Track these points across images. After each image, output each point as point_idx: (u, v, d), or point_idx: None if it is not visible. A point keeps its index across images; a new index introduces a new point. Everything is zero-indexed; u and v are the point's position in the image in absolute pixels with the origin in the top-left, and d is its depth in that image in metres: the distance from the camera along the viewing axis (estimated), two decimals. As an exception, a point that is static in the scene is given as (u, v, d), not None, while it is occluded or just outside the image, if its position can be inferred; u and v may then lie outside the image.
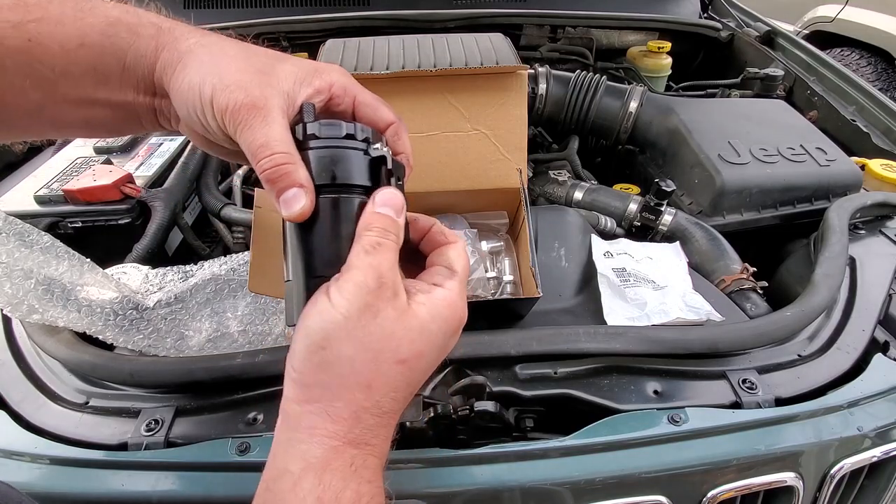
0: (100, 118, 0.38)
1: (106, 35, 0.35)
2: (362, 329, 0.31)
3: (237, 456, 0.49)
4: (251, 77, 0.34)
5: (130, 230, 0.80)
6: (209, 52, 0.35)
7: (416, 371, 0.33)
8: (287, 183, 0.33)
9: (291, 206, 0.33)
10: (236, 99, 0.33)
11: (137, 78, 0.36)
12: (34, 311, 0.56)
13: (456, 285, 0.35)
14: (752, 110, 1.01)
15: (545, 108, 1.01)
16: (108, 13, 0.36)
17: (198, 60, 0.35)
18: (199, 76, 0.34)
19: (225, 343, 0.65)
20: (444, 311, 0.34)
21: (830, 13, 2.77)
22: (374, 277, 0.31)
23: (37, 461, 0.50)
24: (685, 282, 0.71)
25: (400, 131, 0.40)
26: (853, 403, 0.56)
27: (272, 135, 0.33)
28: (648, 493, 0.50)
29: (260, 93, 0.34)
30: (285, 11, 1.30)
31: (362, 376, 0.31)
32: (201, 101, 0.34)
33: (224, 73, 0.34)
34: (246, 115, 0.33)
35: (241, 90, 0.33)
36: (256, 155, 0.33)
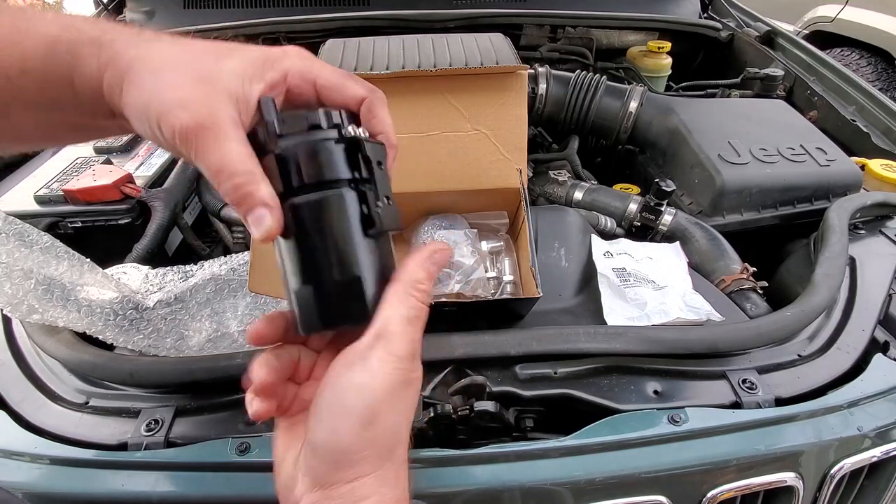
0: (62, 134, 0.36)
1: (47, 59, 0.32)
2: (402, 401, 0.32)
3: (237, 456, 0.49)
4: (192, 90, 0.31)
5: (130, 230, 0.80)
6: (149, 68, 0.32)
7: None
8: (250, 203, 0.31)
9: (259, 227, 0.31)
10: (181, 121, 0.30)
11: (90, 102, 0.33)
12: (34, 311, 0.56)
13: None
14: (752, 110, 1.01)
15: (545, 108, 1.01)
16: (47, 32, 0.32)
17: (139, 79, 0.32)
18: (143, 98, 0.31)
19: (225, 343, 0.65)
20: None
21: (830, 13, 2.77)
22: (413, 354, 0.32)
23: (37, 461, 0.50)
24: (685, 282, 0.71)
25: (374, 107, 0.36)
26: (853, 403, 0.56)
27: (226, 155, 0.31)
28: (648, 493, 0.50)
29: (206, 108, 0.31)
30: (285, 11, 1.30)
31: (402, 436, 0.32)
32: (150, 127, 0.31)
33: (163, 92, 0.31)
34: (195, 138, 0.30)
35: (184, 110, 0.30)
36: (215, 180, 0.31)
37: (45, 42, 0.32)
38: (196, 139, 0.30)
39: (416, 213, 0.74)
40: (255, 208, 0.31)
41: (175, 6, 1.35)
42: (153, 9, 1.36)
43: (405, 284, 0.32)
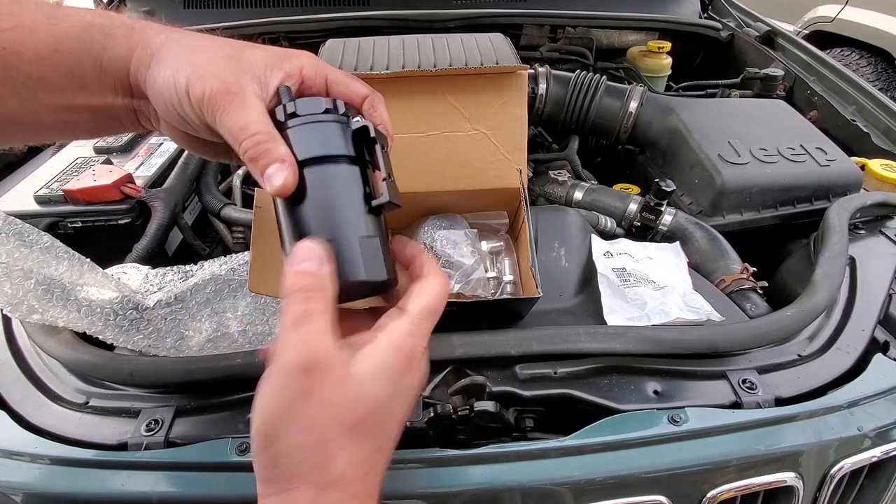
0: (79, 122, 0.38)
1: (80, 39, 0.35)
2: (301, 414, 0.30)
3: (237, 456, 0.49)
4: (223, 64, 0.35)
5: (130, 230, 0.80)
6: (180, 46, 0.36)
7: (371, 429, 0.32)
8: (268, 159, 0.33)
9: (273, 181, 0.33)
10: (211, 86, 0.34)
11: (114, 80, 0.36)
12: (34, 311, 0.56)
13: (403, 325, 0.34)
14: (752, 110, 1.01)
15: (545, 108, 1.01)
16: (82, 17, 0.36)
17: (170, 54, 0.35)
18: (172, 70, 0.34)
19: (225, 343, 0.65)
20: (385, 359, 0.32)
21: (830, 13, 2.77)
22: (298, 359, 0.30)
23: (37, 461, 0.50)
24: (685, 282, 0.71)
25: (375, 103, 0.40)
26: (853, 403, 0.56)
27: (250, 116, 0.34)
28: (648, 493, 0.50)
29: (234, 79, 0.34)
30: (285, 11, 1.31)
31: (314, 459, 0.30)
32: (177, 94, 0.34)
33: (197, 64, 0.34)
34: (223, 101, 0.34)
35: (215, 77, 0.34)
36: (237, 137, 0.34)
37: (80, 25, 0.35)
38: (223, 101, 0.34)
39: (416, 213, 0.74)
40: (273, 163, 0.33)
41: (175, 6, 1.35)
42: (153, 8, 1.36)
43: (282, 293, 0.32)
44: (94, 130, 0.40)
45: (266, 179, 0.34)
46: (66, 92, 0.36)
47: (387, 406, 0.32)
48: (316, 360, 0.30)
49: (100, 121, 0.38)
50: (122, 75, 0.36)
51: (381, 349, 0.33)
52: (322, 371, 0.30)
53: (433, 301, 0.36)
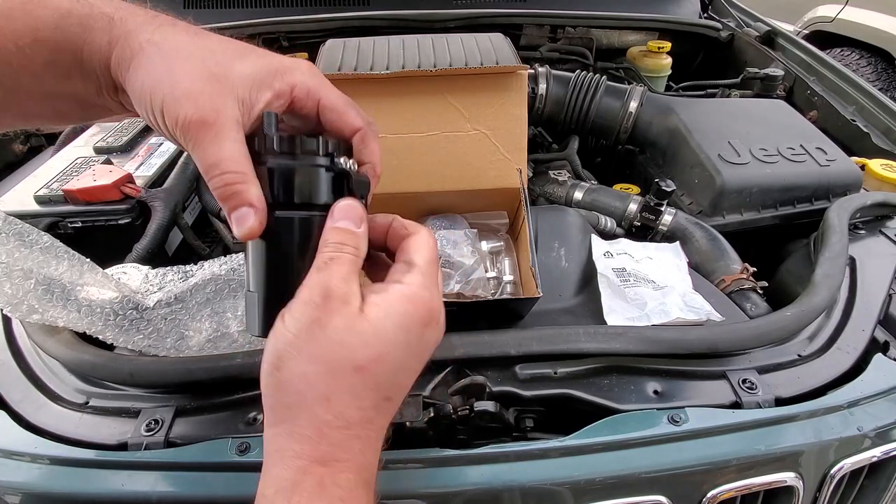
0: (68, 110, 0.37)
1: (59, 29, 0.33)
2: (312, 343, 0.30)
3: (237, 456, 0.49)
4: (203, 86, 0.32)
5: (130, 230, 0.79)
6: (161, 53, 0.33)
7: (381, 375, 0.32)
8: (237, 202, 0.32)
9: (241, 225, 0.33)
10: (186, 113, 0.31)
11: (96, 74, 0.34)
12: (34, 311, 0.56)
13: (416, 277, 0.34)
14: (752, 110, 1.01)
15: (545, 108, 1.01)
16: (59, 4, 0.33)
17: (149, 62, 0.33)
18: (150, 81, 0.32)
19: (225, 343, 0.65)
20: (401, 307, 0.32)
21: (830, 13, 2.77)
22: (320, 292, 0.31)
23: (37, 461, 0.50)
24: (685, 282, 0.71)
25: (367, 138, 0.38)
26: (853, 403, 0.56)
27: (223, 153, 0.32)
28: (648, 493, 0.50)
29: (211, 105, 0.32)
30: (285, 11, 1.30)
31: (318, 390, 0.30)
32: (153, 111, 0.33)
33: (175, 81, 0.32)
34: (196, 133, 0.32)
35: (191, 103, 0.32)
36: (207, 173, 0.32)
37: (58, 14, 0.33)
38: (197, 133, 0.32)
39: (416, 213, 0.74)
40: (241, 207, 0.32)
41: (175, 6, 1.35)
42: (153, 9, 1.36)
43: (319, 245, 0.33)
44: (84, 118, 0.39)
45: (234, 221, 0.33)
46: (49, 82, 0.34)
47: (399, 354, 0.32)
48: (332, 293, 0.31)
49: (88, 109, 0.37)
50: (103, 70, 0.34)
51: (394, 298, 0.33)
52: (337, 305, 0.31)
53: (432, 251, 0.36)
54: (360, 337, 0.31)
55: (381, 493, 0.34)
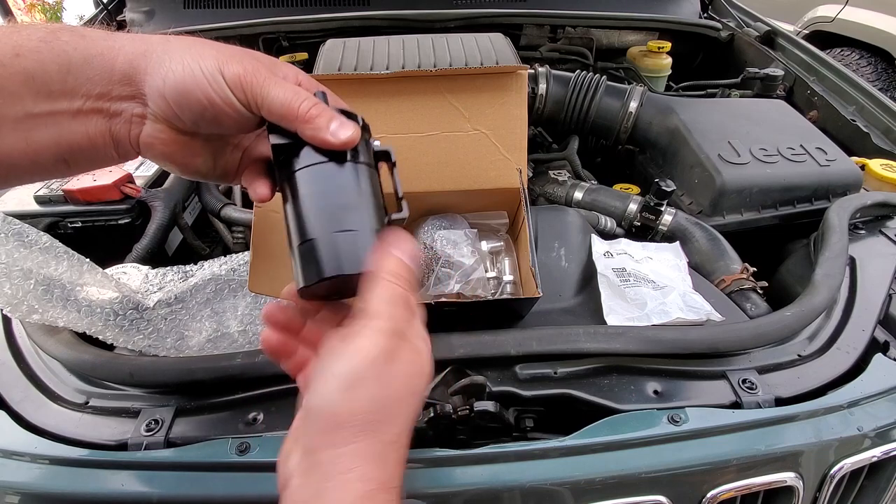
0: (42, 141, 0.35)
1: (44, 41, 0.33)
2: (387, 372, 0.32)
3: (237, 456, 0.49)
4: (243, 52, 0.36)
5: (130, 230, 0.80)
6: (184, 43, 0.35)
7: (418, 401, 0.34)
8: (330, 115, 0.35)
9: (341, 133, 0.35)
10: (249, 64, 0.35)
11: (87, 80, 0.34)
12: (34, 311, 0.56)
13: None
14: (752, 110, 1.01)
15: (545, 108, 1.01)
16: (48, 25, 0.34)
17: (180, 49, 0.35)
18: (191, 59, 0.34)
19: (225, 343, 0.65)
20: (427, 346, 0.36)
21: (830, 13, 2.77)
22: (398, 331, 0.33)
23: (37, 461, 0.50)
24: (685, 282, 0.71)
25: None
26: (853, 403, 0.56)
27: (298, 88, 0.36)
28: (648, 493, 0.50)
29: (268, 62, 0.36)
30: (285, 11, 1.30)
31: (387, 412, 0.32)
32: (206, 78, 0.34)
33: (219, 50, 0.35)
34: (266, 76, 0.35)
35: (250, 57, 0.35)
36: (292, 102, 0.35)
37: (47, 30, 0.34)
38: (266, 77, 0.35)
39: (416, 213, 0.74)
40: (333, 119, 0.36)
41: (175, 6, 1.35)
42: (153, 8, 1.36)
43: (386, 274, 0.34)
44: (58, 154, 0.36)
45: (332, 134, 0.35)
46: (26, 99, 0.33)
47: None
48: (405, 332, 0.34)
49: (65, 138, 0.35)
50: (98, 73, 0.34)
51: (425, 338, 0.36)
52: (407, 343, 0.34)
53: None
54: (422, 370, 0.35)
55: None
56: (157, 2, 1.36)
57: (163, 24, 1.33)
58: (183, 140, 0.38)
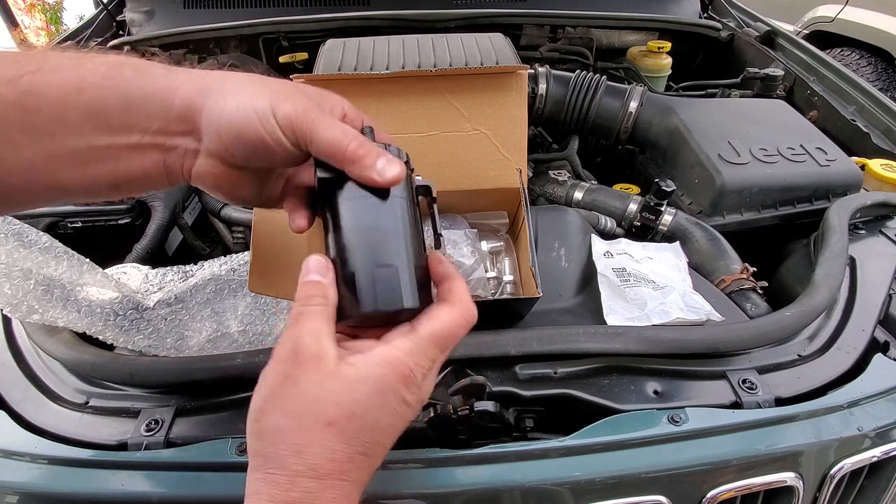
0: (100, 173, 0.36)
1: (107, 77, 0.34)
2: (284, 398, 0.32)
3: (237, 456, 0.49)
4: (295, 90, 0.37)
5: (130, 230, 0.80)
6: (239, 81, 0.36)
7: (353, 431, 0.33)
8: (377, 154, 0.36)
9: (387, 173, 0.36)
10: (302, 103, 0.35)
11: (146, 116, 0.35)
12: (34, 311, 0.56)
13: (405, 342, 0.35)
14: (752, 110, 1.01)
15: (545, 108, 1.01)
16: (110, 59, 0.35)
17: (235, 87, 0.36)
18: (246, 99, 0.35)
19: (225, 343, 0.65)
20: (378, 370, 0.33)
21: (830, 13, 2.77)
22: (290, 348, 0.33)
23: (37, 461, 0.50)
24: (685, 282, 0.71)
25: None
26: (853, 403, 0.56)
27: (345, 127, 0.36)
28: (648, 493, 0.50)
29: (318, 97, 0.37)
30: (285, 11, 1.30)
31: (290, 442, 0.32)
32: (259, 117, 0.35)
33: (273, 90, 0.36)
34: (316, 116, 0.36)
35: (302, 96, 0.36)
36: (341, 142, 0.36)
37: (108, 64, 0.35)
38: (317, 117, 0.36)
39: (416, 213, 0.74)
40: (380, 157, 0.36)
41: (175, 6, 1.35)
42: (153, 8, 1.36)
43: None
44: (114, 183, 0.38)
45: (379, 173, 0.36)
46: (87, 133, 0.34)
47: (371, 414, 0.33)
48: (303, 351, 0.33)
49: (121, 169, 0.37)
50: (160, 110, 0.35)
51: (373, 359, 0.34)
52: (308, 363, 0.33)
53: (448, 328, 0.36)
54: (332, 395, 0.32)
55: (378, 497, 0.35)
56: (157, 2, 1.36)
57: (163, 24, 1.33)
58: (233, 173, 0.38)
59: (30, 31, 4.16)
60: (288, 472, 0.31)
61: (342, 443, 0.32)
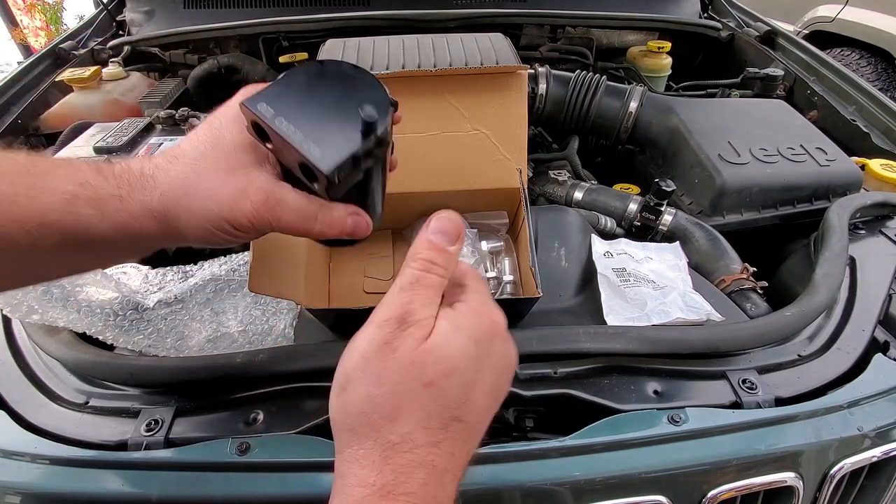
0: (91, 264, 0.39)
1: (68, 212, 0.34)
2: (381, 365, 0.29)
3: (237, 456, 0.49)
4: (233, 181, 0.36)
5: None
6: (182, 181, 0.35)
7: (450, 389, 0.30)
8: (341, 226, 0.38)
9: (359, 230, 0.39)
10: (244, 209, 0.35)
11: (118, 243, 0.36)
12: (34, 311, 0.56)
13: (474, 295, 0.34)
14: (752, 110, 1.01)
15: (545, 107, 1.01)
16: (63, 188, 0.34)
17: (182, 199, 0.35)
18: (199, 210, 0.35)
19: (225, 343, 0.65)
20: (468, 320, 0.32)
21: (830, 13, 2.77)
22: (398, 316, 0.30)
23: (37, 461, 0.50)
24: (685, 282, 0.71)
25: None
26: (853, 403, 0.56)
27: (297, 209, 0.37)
28: (648, 493, 0.50)
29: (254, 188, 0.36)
30: (285, 11, 1.31)
31: (384, 410, 0.29)
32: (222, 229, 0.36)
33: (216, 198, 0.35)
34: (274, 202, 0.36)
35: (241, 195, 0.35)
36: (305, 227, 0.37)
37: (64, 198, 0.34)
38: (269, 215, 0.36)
39: (416, 213, 0.74)
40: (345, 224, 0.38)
41: (174, 6, 1.35)
42: (153, 8, 1.36)
43: (409, 253, 0.34)
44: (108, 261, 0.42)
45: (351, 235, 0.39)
46: (65, 255, 0.36)
47: (469, 369, 0.31)
48: (411, 319, 0.30)
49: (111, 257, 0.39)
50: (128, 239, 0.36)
51: (461, 311, 0.32)
52: (413, 329, 0.30)
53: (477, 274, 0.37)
54: (432, 354, 0.30)
55: None
56: (157, 2, 1.36)
57: (163, 24, 1.33)
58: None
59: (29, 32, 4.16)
60: (381, 444, 0.28)
61: (440, 405, 0.29)
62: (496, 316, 0.33)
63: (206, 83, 1.27)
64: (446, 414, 0.29)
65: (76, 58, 1.24)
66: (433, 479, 0.28)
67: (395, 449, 0.28)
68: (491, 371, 0.32)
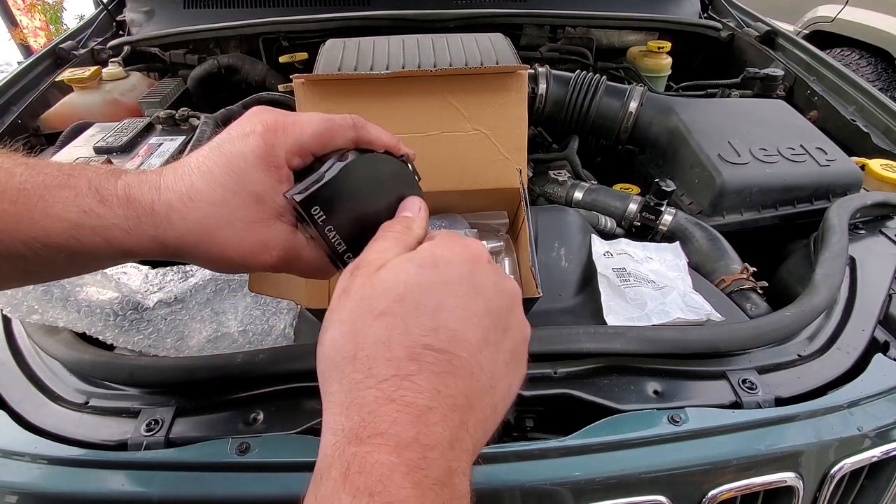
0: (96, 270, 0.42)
1: (73, 237, 0.34)
2: (339, 309, 0.30)
3: (237, 456, 0.49)
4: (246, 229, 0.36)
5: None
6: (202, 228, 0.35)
7: (407, 317, 0.28)
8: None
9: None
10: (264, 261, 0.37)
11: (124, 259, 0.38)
12: (34, 311, 0.56)
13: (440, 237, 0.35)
14: (752, 110, 1.01)
15: (545, 108, 1.01)
16: (65, 215, 0.33)
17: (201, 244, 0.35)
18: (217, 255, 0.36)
19: (225, 343, 0.65)
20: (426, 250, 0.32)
21: (830, 13, 2.77)
22: (354, 266, 0.33)
23: (37, 461, 0.50)
24: (685, 282, 0.71)
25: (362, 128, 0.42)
26: (853, 403, 0.56)
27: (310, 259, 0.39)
28: (648, 493, 0.50)
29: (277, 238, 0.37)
30: (285, 11, 1.31)
31: (345, 349, 0.28)
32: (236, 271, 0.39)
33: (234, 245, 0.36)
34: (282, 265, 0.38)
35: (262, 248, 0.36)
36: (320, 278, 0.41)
37: (68, 226, 0.34)
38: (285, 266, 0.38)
39: (416, 213, 0.74)
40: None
41: (174, 6, 1.35)
42: (153, 8, 1.36)
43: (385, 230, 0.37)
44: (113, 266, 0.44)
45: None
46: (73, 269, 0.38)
47: (429, 292, 0.29)
48: (363, 265, 0.32)
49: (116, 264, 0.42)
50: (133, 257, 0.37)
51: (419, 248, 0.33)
52: (362, 270, 0.32)
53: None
54: (380, 285, 0.30)
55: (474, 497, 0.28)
56: (157, 2, 1.36)
57: (163, 24, 1.33)
58: None
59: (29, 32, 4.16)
60: (346, 385, 0.27)
61: (399, 333, 0.28)
62: (473, 246, 0.34)
63: (206, 83, 1.27)
64: (410, 342, 0.28)
65: (76, 58, 1.24)
66: (406, 416, 0.25)
67: (359, 386, 0.27)
68: (479, 298, 0.31)
